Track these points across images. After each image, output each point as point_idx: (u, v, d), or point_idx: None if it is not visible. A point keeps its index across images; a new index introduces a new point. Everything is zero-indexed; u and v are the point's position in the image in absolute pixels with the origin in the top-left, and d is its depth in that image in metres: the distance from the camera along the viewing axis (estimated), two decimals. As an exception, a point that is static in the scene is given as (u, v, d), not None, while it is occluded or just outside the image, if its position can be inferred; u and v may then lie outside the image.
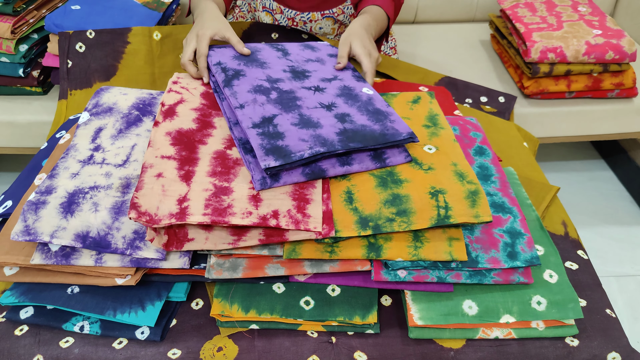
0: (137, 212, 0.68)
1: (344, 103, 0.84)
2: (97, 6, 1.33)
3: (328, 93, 0.86)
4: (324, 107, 0.82)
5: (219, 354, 0.71)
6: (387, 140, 0.76)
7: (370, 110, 0.82)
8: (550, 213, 0.94)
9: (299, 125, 0.77)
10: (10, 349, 0.72)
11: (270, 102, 0.81)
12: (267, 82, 0.86)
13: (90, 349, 0.72)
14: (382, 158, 0.78)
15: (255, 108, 0.80)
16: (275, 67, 0.91)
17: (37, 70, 1.34)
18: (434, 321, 0.71)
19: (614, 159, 1.86)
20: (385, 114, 0.82)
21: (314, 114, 0.80)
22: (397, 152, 0.79)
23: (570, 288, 0.74)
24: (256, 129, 0.75)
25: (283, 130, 0.75)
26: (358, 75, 0.94)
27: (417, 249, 0.71)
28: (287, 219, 0.68)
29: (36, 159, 0.93)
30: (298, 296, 0.74)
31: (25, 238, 0.70)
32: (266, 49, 0.98)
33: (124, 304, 0.73)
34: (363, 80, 0.93)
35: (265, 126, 0.76)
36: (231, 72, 0.88)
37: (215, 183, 0.72)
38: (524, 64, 1.40)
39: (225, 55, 0.94)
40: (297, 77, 0.89)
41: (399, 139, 0.77)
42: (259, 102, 0.81)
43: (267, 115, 0.78)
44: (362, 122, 0.79)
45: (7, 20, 1.26)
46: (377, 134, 0.77)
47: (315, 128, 0.76)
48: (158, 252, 0.70)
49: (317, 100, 0.83)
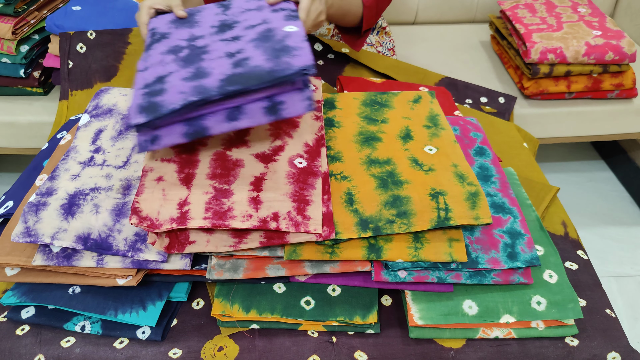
0: (139, 217, 0.68)
1: (253, 47, 0.74)
2: (98, 7, 1.33)
3: (243, 40, 0.77)
4: (228, 56, 0.73)
5: (219, 354, 0.71)
6: (273, 76, 0.65)
7: (276, 48, 0.71)
8: (550, 213, 0.94)
9: (187, 79, 0.69)
10: (11, 349, 0.72)
11: (177, 60, 0.75)
12: (185, 41, 0.81)
13: (91, 348, 0.72)
14: (277, 109, 0.68)
15: (157, 69, 0.73)
16: (205, 25, 0.85)
17: (38, 71, 1.35)
18: (434, 321, 0.71)
19: (614, 160, 1.86)
20: (289, 49, 0.70)
21: (212, 64, 0.72)
22: (297, 99, 0.68)
23: (570, 288, 0.74)
24: (143, 90, 0.69)
25: (168, 87, 0.68)
26: (291, 15, 0.83)
27: (417, 250, 0.71)
28: (287, 221, 0.69)
29: (37, 159, 0.93)
30: (299, 296, 0.75)
31: (25, 239, 0.70)
32: (210, 7, 0.92)
33: (125, 304, 0.73)
34: (294, 18, 0.81)
35: (154, 85, 0.70)
36: (157, 36, 0.84)
37: (215, 186, 0.72)
38: (523, 64, 1.41)
39: (163, 20, 0.90)
40: (221, 31, 0.82)
41: (287, 74, 0.65)
42: (165, 62, 0.75)
43: (161, 75, 0.72)
44: (257, 62, 0.69)
45: (8, 21, 1.26)
46: (264, 72, 0.66)
47: (201, 79, 0.68)
48: (159, 254, 0.71)
49: (225, 49, 0.75)
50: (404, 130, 0.87)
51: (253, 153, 0.77)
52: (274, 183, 0.72)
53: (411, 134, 0.86)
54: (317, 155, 0.78)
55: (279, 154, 0.77)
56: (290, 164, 0.76)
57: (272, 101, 0.68)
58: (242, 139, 0.80)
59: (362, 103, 0.94)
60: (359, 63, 1.33)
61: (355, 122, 0.89)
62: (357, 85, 1.14)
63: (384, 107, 0.93)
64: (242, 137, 0.81)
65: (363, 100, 0.95)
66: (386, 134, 0.86)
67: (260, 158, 0.76)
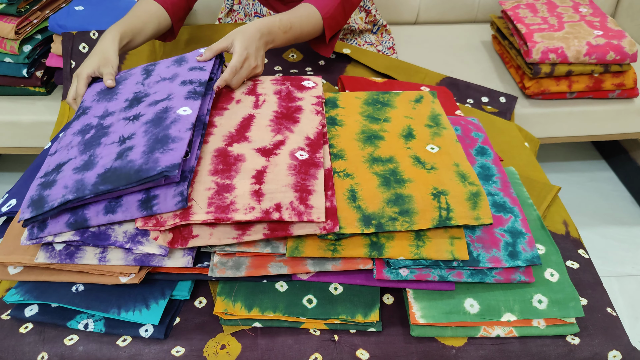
0: (143, 218, 0.69)
1: (143, 132, 0.75)
2: (101, 7, 1.34)
3: (140, 121, 0.78)
4: (119, 142, 0.74)
5: (222, 352, 0.72)
6: (139, 177, 0.66)
7: (158, 137, 0.72)
8: (551, 213, 0.94)
9: (77, 170, 0.71)
10: (15, 347, 0.72)
11: (80, 143, 0.77)
12: (98, 118, 0.82)
13: (94, 346, 0.72)
14: (150, 205, 0.68)
15: (62, 154, 0.77)
16: (122, 97, 0.86)
17: (41, 71, 1.35)
18: (435, 319, 0.71)
19: (615, 160, 1.86)
20: (167, 141, 0.71)
21: (104, 152, 0.73)
22: (170, 195, 0.68)
23: (571, 287, 0.75)
24: (41, 179, 0.73)
25: (60, 177, 0.71)
26: (195, 91, 0.83)
27: (419, 248, 0.71)
28: (290, 211, 0.69)
29: (40, 158, 0.94)
30: (301, 294, 0.75)
31: (32, 241, 0.71)
32: (136, 73, 0.92)
33: (128, 302, 0.73)
34: (195, 97, 0.81)
35: (50, 175, 0.73)
36: (80, 111, 0.86)
37: (217, 181, 0.72)
38: (525, 64, 1.41)
39: (93, 91, 0.91)
40: (130, 106, 0.83)
41: (151, 175, 0.66)
42: (72, 145, 0.78)
43: (62, 162, 0.75)
44: (134, 156, 0.70)
45: (11, 20, 1.27)
46: (133, 171, 0.68)
47: (86, 171, 0.70)
48: (160, 247, 0.71)
49: (121, 132, 0.76)
50: (406, 129, 0.87)
51: (254, 148, 0.78)
52: (276, 175, 0.73)
53: (413, 132, 0.86)
54: (319, 147, 0.79)
55: (280, 147, 0.78)
56: (291, 157, 0.76)
57: (147, 194, 0.69)
58: (243, 134, 0.81)
59: (365, 102, 0.94)
60: (360, 63, 1.34)
61: (357, 120, 0.89)
62: (358, 85, 1.14)
63: (386, 106, 0.93)
64: (244, 133, 0.81)
65: (365, 99, 0.95)
66: (388, 133, 0.86)
67: (261, 152, 0.77)
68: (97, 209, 0.69)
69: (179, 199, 0.68)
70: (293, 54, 1.36)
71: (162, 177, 0.67)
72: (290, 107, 0.88)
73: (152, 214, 0.68)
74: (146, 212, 0.68)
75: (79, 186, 0.68)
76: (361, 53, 1.34)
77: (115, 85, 0.90)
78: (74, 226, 0.70)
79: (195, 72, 0.88)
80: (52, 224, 0.70)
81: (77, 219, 0.69)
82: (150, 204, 0.68)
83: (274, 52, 1.35)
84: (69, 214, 0.70)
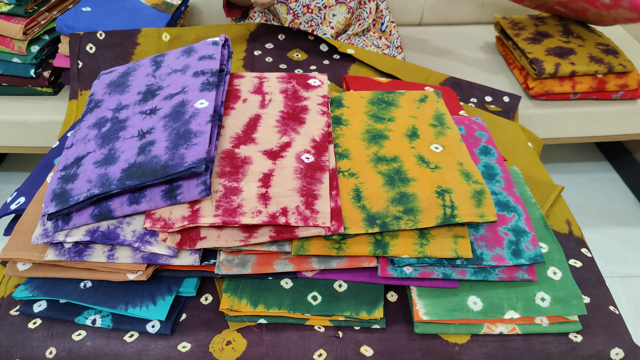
0: (152, 219, 0.70)
1: (163, 126, 0.76)
2: (107, 8, 1.35)
3: (158, 115, 0.79)
4: (139, 136, 0.76)
5: (227, 348, 0.73)
6: (166, 173, 0.68)
7: (180, 132, 0.74)
8: (554, 212, 0.94)
9: (98, 164, 0.73)
10: (24, 342, 0.73)
11: (97, 137, 0.78)
12: (112, 111, 0.83)
13: (102, 341, 0.73)
14: (174, 194, 0.70)
15: (79, 147, 0.78)
16: (134, 90, 0.87)
17: (48, 71, 1.36)
18: (439, 316, 0.72)
19: (619, 161, 1.86)
20: (190, 136, 0.73)
21: (124, 146, 0.75)
22: (193, 185, 0.70)
23: (574, 285, 0.75)
24: (61, 173, 0.74)
25: (81, 171, 0.73)
26: (209, 81, 0.84)
27: (423, 246, 0.72)
28: (296, 215, 0.70)
29: (48, 157, 0.95)
30: (306, 291, 0.76)
31: (44, 241, 0.72)
32: (145, 64, 0.93)
33: (135, 298, 0.74)
34: (210, 88, 0.82)
35: (70, 168, 0.74)
36: (92, 104, 0.87)
37: (224, 184, 0.73)
38: (529, 64, 1.41)
39: (102, 83, 0.91)
40: (144, 99, 0.84)
41: (178, 171, 0.68)
42: (88, 138, 0.79)
43: (80, 155, 0.76)
44: (158, 151, 0.71)
45: (19, 21, 1.28)
46: (159, 166, 0.69)
47: (109, 165, 0.72)
48: (169, 248, 0.72)
49: (139, 127, 0.78)
50: (411, 129, 0.88)
51: (261, 150, 0.79)
52: (282, 179, 0.74)
53: (417, 132, 0.87)
54: (324, 150, 0.80)
55: (287, 150, 0.79)
56: (297, 160, 0.77)
57: (171, 184, 0.70)
58: (250, 136, 0.81)
59: (369, 102, 0.95)
60: (364, 63, 1.34)
61: (362, 120, 0.90)
62: (363, 85, 1.15)
63: (391, 106, 0.94)
64: (250, 134, 0.82)
65: (370, 99, 0.96)
66: (393, 132, 0.87)
67: (268, 155, 0.78)
68: (121, 200, 0.71)
69: (202, 187, 0.69)
70: (297, 54, 1.37)
71: (187, 173, 0.68)
72: (297, 107, 0.88)
73: (175, 203, 0.70)
74: (170, 201, 0.70)
75: (104, 181, 0.70)
76: (365, 53, 1.35)
77: (125, 77, 0.91)
78: (98, 218, 0.71)
79: (206, 61, 0.88)
80: (76, 216, 0.71)
81: (101, 210, 0.71)
82: (174, 193, 0.70)
83: (279, 51, 1.36)
84: (92, 206, 0.71)
